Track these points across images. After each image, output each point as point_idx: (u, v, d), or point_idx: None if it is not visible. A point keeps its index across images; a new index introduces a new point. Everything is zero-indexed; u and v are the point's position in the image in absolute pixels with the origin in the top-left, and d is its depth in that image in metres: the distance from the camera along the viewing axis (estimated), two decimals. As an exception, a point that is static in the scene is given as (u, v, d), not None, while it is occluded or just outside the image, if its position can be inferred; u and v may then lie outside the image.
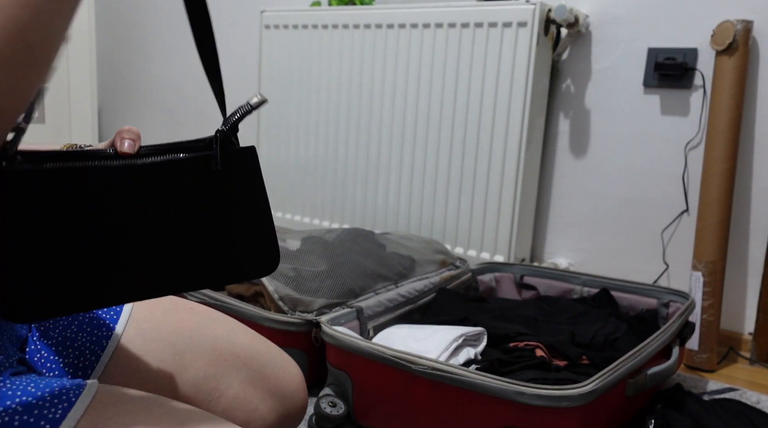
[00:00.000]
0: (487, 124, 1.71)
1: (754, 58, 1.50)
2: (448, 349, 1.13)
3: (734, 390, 1.37)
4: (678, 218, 1.64)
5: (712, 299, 1.47)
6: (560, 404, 0.90)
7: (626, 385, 1.03)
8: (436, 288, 1.47)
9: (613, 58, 1.68)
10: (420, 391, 1.02)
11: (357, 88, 1.93)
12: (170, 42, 2.65)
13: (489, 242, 1.75)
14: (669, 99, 1.62)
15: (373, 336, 1.27)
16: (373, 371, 1.07)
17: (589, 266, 1.77)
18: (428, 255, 1.60)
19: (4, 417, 0.52)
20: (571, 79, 1.74)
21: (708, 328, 1.47)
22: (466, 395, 0.97)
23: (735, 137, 1.46)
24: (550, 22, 1.65)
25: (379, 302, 1.34)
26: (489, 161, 1.72)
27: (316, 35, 1.99)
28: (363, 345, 1.07)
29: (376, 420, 1.10)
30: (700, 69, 1.56)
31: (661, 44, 1.61)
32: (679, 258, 1.64)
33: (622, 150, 1.69)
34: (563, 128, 1.77)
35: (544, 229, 1.84)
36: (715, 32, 1.47)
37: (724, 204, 1.47)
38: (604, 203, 1.74)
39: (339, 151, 2.01)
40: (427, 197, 1.85)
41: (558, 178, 1.80)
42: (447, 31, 1.74)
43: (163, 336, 0.75)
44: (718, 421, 1.10)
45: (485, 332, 1.22)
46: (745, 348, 1.57)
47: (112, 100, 2.93)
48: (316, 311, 1.28)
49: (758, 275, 1.54)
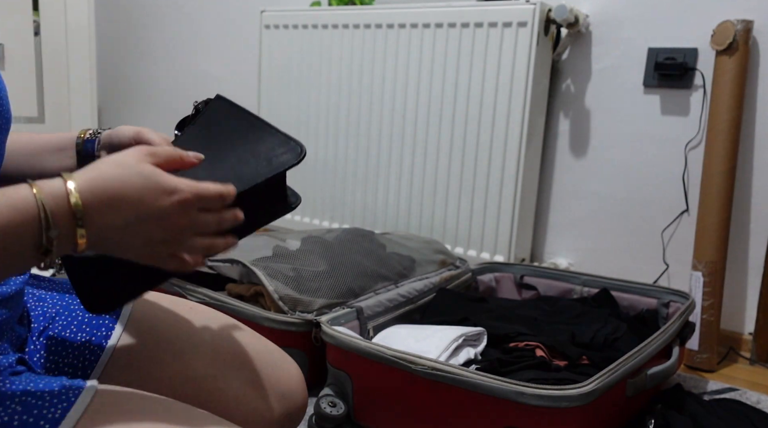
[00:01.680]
0: (487, 124, 1.71)
1: (755, 58, 1.50)
2: (448, 349, 1.13)
3: (734, 390, 1.37)
4: (678, 218, 1.64)
5: (712, 299, 1.47)
6: (560, 404, 0.90)
7: (626, 385, 1.03)
8: (436, 288, 1.46)
9: (613, 58, 1.68)
10: (420, 391, 1.02)
11: (357, 88, 1.93)
12: (170, 42, 2.65)
13: (489, 242, 1.75)
14: (669, 99, 1.62)
15: (373, 336, 1.27)
16: (373, 371, 1.07)
17: (589, 266, 1.77)
18: (428, 255, 1.60)
19: (3, 416, 0.52)
20: (571, 79, 1.74)
21: (708, 328, 1.47)
22: (466, 395, 0.97)
23: (735, 136, 1.46)
24: (550, 22, 1.65)
25: (379, 302, 1.33)
26: (489, 161, 1.72)
27: (316, 35, 1.99)
28: (363, 345, 1.07)
29: (376, 420, 1.10)
30: (701, 69, 1.56)
31: (661, 44, 1.60)
32: (679, 258, 1.64)
33: (622, 150, 1.69)
34: (563, 128, 1.77)
35: (544, 229, 1.84)
36: (715, 32, 1.47)
37: (725, 204, 1.47)
38: (604, 203, 1.74)
39: (339, 151, 2.01)
40: (427, 197, 1.85)
41: (558, 178, 1.80)
42: (447, 31, 1.74)
43: (163, 335, 0.74)
44: (718, 421, 1.10)
45: (485, 332, 1.22)
46: (745, 348, 1.57)
47: (112, 101, 2.93)
48: (316, 311, 1.28)
49: (758, 275, 1.54)
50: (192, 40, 2.57)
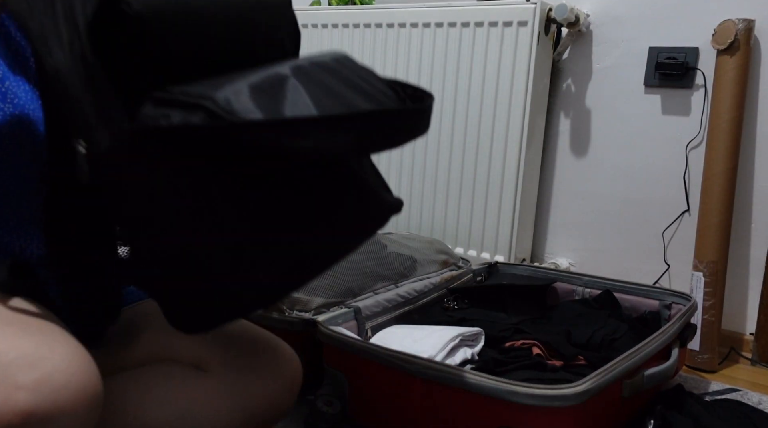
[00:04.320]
0: (488, 123, 1.70)
1: (756, 58, 1.49)
2: (444, 349, 1.13)
3: (736, 390, 1.36)
4: (679, 218, 1.63)
5: (713, 300, 1.46)
6: (553, 403, 0.89)
7: (623, 386, 1.02)
8: (436, 289, 1.46)
9: (614, 58, 1.67)
10: (415, 390, 1.02)
11: (358, 89, 1.93)
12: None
13: (489, 242, 1.75)
14: (670, 99, 1.61)
15: (371, 336, 1.27)
16: (369, 370, 1.07)
17: (589, 266, 1.77)
18: (430, 255, 1.60)
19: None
20: (571, 78, 1.74)
21: (709, 328, 1.46)
22: (460, 394, 0.96)
23: (736, 136, 1.45)
24: (550, 22, 1.64)
25: (378, 303, 1.33)
26: (489, 161, 1.71)
27: (316, 35, 1.99)
28: (358, 345, 1.07)
29: (372, 419, 1.10)
30: (702, 68, 1.55)
31: (662, 44, 1.60)
32: (680, 258, 1.63)
33: (622, 150, 1.69)
34: (563, 128, 1.77)
35: (545, 229, 1.83)
36: (717, 31, 1.46)
37: (726, 204, 1.46)
38: (605, 203, 1.73)
39: (340, 151, 2.01)
40: (427, 197, 1.84)
41: (558, 178, 1.79)
42: (447, 30, 1.74)
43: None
44: (719, 422, 1.10)
45: (482, 332, 1.22)
46: (746, 348, 1.56)
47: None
48: (314, 311, 1.28)
49: (759, 276, 1.53)
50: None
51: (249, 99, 0.52)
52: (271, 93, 0.54)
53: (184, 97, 0.52)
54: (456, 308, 1.43)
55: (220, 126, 0.50)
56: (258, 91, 0.53)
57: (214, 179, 0.54)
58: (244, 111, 0.51)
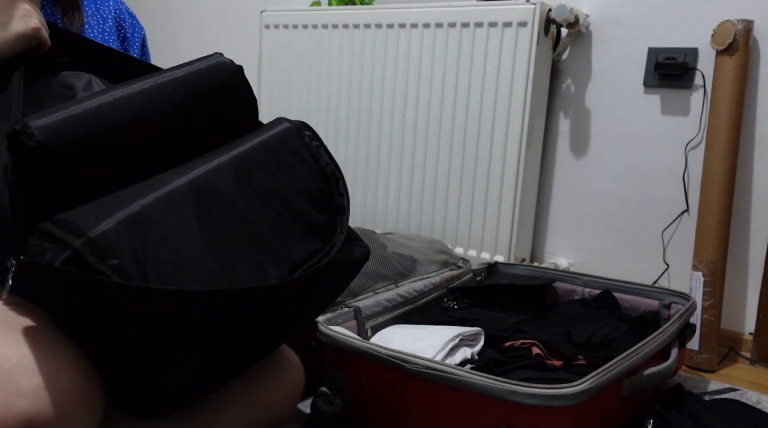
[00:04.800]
0: (488, 123, 1.70)
1: (755, 58, 1.49)
2: (444, 349, 1.13)
3: (735, 390, 1.37)
4: (678, 218, 1.63)
5: (713, 299, 1.46)
6: (552, 403, 0.89)
7: (622, 385, 1.02)
8: (436, 288, 1.47)
9: (614, 58, 1.67)
10: (414, 390, 1.02)
11: (357, 88, 1.94)
12: (170, 42, 2.66)
13: (489, 242, 1.75)
14: (669, 99, 1.61)
15: (371, 336, 1.27)
16: (368, 370, 1.07)
17: (589, 266, 1.77)
18: (430, 255, 1.60)
19: None
20: (571, 79, 1.74)
21: (708, 328, 1.46)
22: (459, 394, 0.97)
23: (735, 136, 1.46)
24: (550, 22, 1.64)
25: (378, 302, 1.33)
26: (489, 161, 1.72)
27: (316, 35, 1.99)
28: (358, 345, 1.07)
29: (372, 419, 1.10)
30: (701, 69, 1.56)
31: (662, 44, 1.60)
32: (680, 258, 1.64)
33: (622, 150, 1.69)
34: (563, 128, 1.77)
35: (544, 229, 1.84)
36: (716, 32, 1.46)
37: (725, 204, 1.46)
38: (605, 203, 1.73)
39: (339, 151, 2.01)
40: (427, 197, 1.85)
41: (558, 178, 1.80)
42: (447, 30, 1.74)
43: None
44: (718, 421, 1.10)
45: (482, 332, 1.22)
46: (745, 348, 1.56)
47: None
48: (314, 311, 1.28)
49: (759, 275, 1.53)
50: (192, 40, 2.58)
51: (121, 238, 0.55)
52: (148, 230, 0.57)
53: (60, 233, 0.54)
54: (456, 308, 1.43)
55: (78, 276, 0.53)
56: (136, 226, 0.56)
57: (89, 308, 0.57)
58: (111, 253, 0.54)
